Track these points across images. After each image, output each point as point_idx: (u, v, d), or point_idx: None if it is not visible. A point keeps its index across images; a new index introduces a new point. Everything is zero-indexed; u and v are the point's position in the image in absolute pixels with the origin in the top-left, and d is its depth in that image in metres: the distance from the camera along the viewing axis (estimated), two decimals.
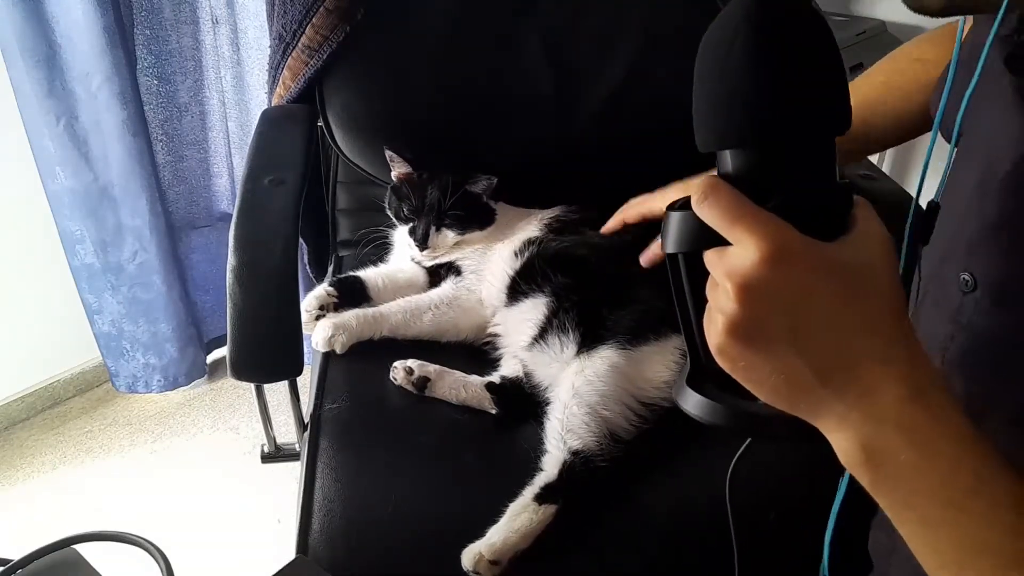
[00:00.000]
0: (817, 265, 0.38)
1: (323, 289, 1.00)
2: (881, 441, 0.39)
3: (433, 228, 1.03)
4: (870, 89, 0.88)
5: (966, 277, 0.50)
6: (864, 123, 0.83)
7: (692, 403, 0.45)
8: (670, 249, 0.43)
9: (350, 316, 0.98)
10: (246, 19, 1.64)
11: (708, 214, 0.39)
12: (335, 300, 1.00)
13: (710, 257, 0.40)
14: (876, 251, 0.40)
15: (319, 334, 0.97)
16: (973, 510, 0.38)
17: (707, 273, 0.41)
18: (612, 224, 1.02)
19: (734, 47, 0.39)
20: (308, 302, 0.99)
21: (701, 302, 0.42)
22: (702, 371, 0.45)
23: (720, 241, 0.39)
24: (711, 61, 0.41)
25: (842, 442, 0.40)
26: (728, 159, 0.41)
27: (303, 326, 0.98)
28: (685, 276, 0.43)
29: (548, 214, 1.07)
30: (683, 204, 0.42)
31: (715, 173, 0.42)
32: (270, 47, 1.18)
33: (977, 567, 0.38)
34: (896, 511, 0.40)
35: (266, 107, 1.23)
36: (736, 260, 0.38)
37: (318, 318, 0.99)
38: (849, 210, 0.40)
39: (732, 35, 0.39)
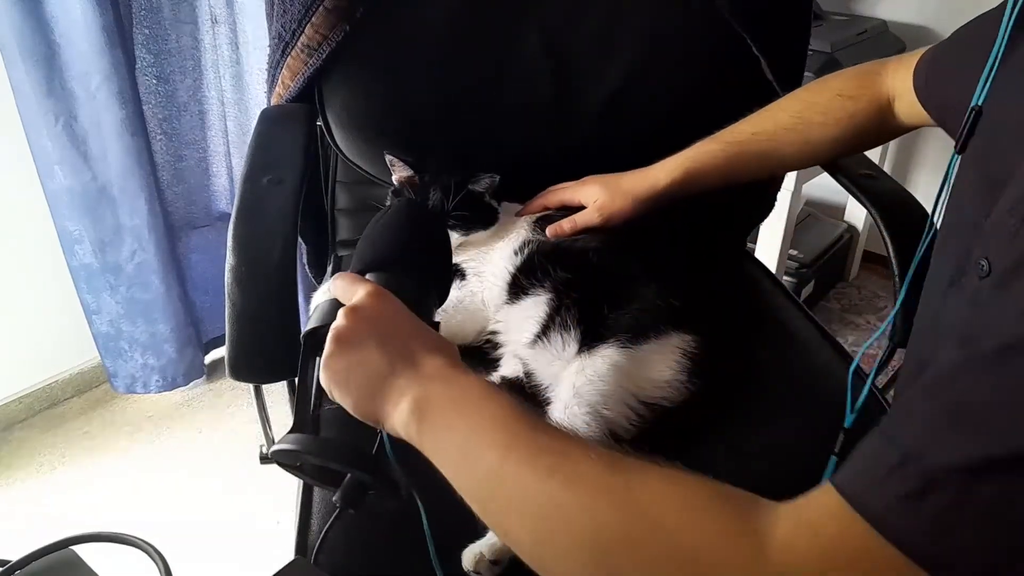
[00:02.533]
0: (401, 307, 0.61)
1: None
2: (428, 393, 0.55)
3: None
4: (783, 115, 0.97)
5: (983, 263, 0.51)
6: (771, 140, 0.96)
7: (285, 441, 0.61)
8: (311, 325, 0.63)
9: None
10: (245, 19, 1.64)
11: (339, 284, 0.62)
12: None
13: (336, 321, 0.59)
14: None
15: None
16: (485, 416, 0.53)
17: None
18: (532, 207, 1.07)
19: (390, 218, 0.70)
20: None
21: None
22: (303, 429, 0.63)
23: None
24: (377, 224, 0.70)
25: (401, 409, 0.55)
26: (371, 278, 0.65)
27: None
28: (310, 353, 0.64)
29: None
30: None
31: None
32: (269, 47, 1.18)
33: (483, 457, 0.52)
34: (439, 440, 0.54)
35: (265, 107, 1.23)
36: (351, 300, 0.60)
37: None
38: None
39: (391, 215, 0.71)
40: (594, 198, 1.02)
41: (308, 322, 0.62)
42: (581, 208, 1.03)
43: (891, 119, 0.90)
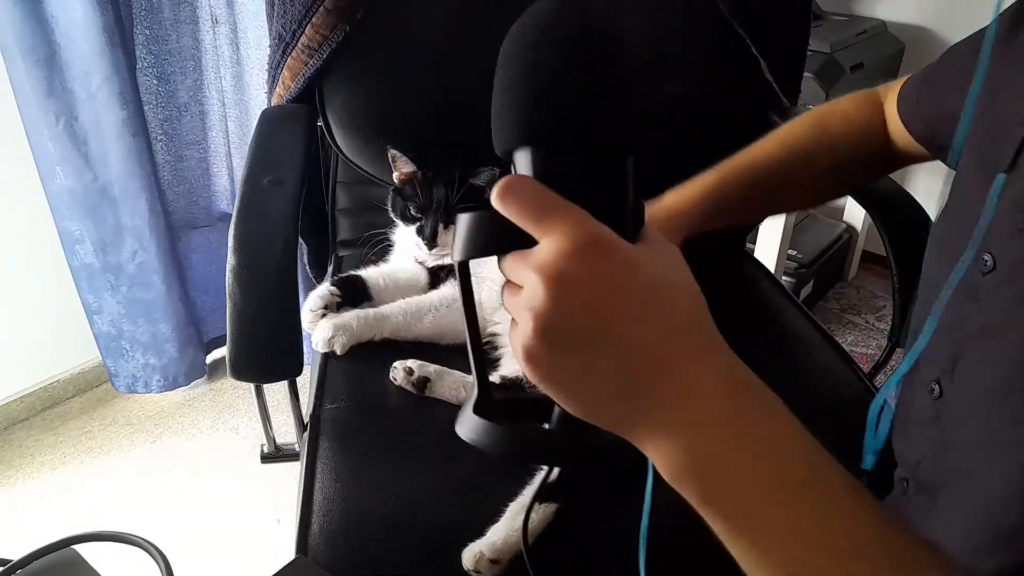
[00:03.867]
0: (628, 259, 0.36)
1: (326, 288, 1.00)
2: (707, 442, 0.36)
3: (441, 225, 1.03)
4: (794, 140, 0.88)
5: (986, 258, 0.51)
6: (784, 167, 0.85)
7: (478, 430, 0.41)
8: (461, 256, 0.40)
9: (351, 317, 0.98)
10: (246, 19, 1.64)
11: (513, 208, 0.37)
12: (338, 299, 1.00)
13: (511, 260, 0.38)
14: (672, 255, 0.39)
15: (319, 334, 0.97)
16: (813, 503, 0.36)
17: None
18: None
19: (539, 52, 0.39)
20: (312, 301, 0.99)
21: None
22: (490, 399, 0.43)
23: (519, 244, 0.37)
24: (517, 61, 0.41)
25: (664, 452, 0.37)
26: (527, 161, 0.40)
27: (306, 325, 0.98)
28: (469, 290, 0.42)
29: None
30: (473, 208, 0.40)
31: None
32: (270, 47, 1.18)
33: (820, 566, 0.35)
34: (732, 524, 0.36)
35: (266, 107, 1.23)
36: (546, 253, 0.36)
37: (322, 317, 0.99)
38: (641, 225, 0.40)
39: (537, 42, 0.40)
40: None
41: (456, 243, 0.41)
42: None
43: (892, 145, 0.87)
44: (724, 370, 0.37)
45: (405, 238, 1.10)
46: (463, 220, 0.40)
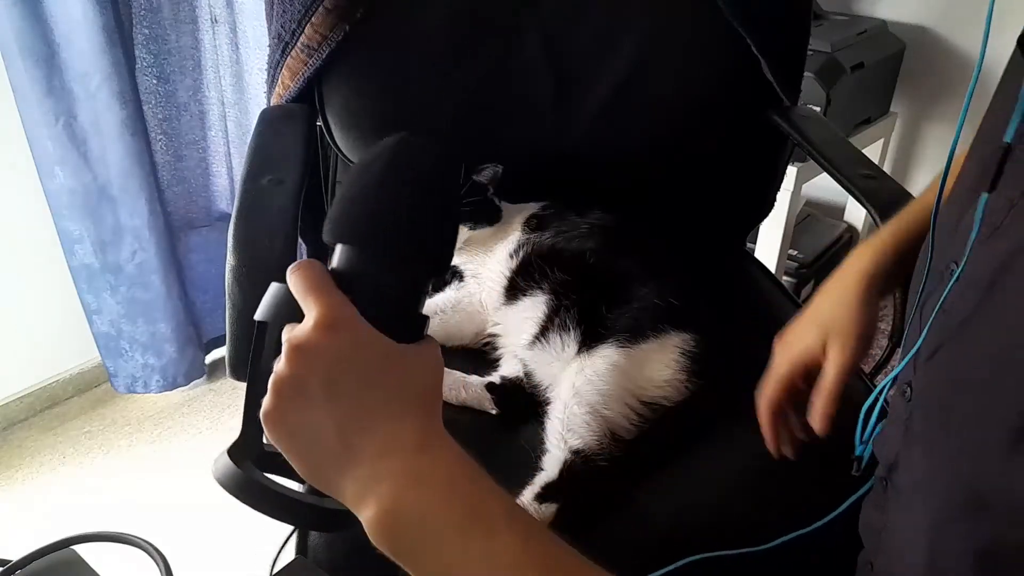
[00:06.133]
0: (363, 339, 0.43)
1: None
2: (395, 494, 0.42)
3: None
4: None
5: (952, 267, 0.52)
6: None
7: (226, 473, 0.47)
8: (257, 316, 0.47)
9: None
10: (245, 19, 1.64)
11: (293, 281, 0.45)
12: None
13: (286, 330, 0.45)
14: (426, 359, 0.47)
15: None
16: (481, 531, 0.43)
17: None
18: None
19: (372, 166, 0.47)
20: None
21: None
22: (253, 446, 0.48)
23: (298, 318, 0.44)
24: (354, 172, 0.48)
25: (366, 510, 0.43)
26: (336, 253, 0.47)
27: None
28: (260, 348, 0.47)
29: (525, 213, 1.07)
30: None
31: None
32: (269, 47, 1.18)
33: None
34: (416, 566, 0.43)
35: (265, 107, 1.23)
36: (299, 327, 0.43)
37: None
38: (419, 335, 0.47)
39: (375, 158, 0.47)
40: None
41: (260, 305, 0.47)
42: None
43: None
44: (414, 434, 0.44)
45: None
46: (272, 287, 0.47)
